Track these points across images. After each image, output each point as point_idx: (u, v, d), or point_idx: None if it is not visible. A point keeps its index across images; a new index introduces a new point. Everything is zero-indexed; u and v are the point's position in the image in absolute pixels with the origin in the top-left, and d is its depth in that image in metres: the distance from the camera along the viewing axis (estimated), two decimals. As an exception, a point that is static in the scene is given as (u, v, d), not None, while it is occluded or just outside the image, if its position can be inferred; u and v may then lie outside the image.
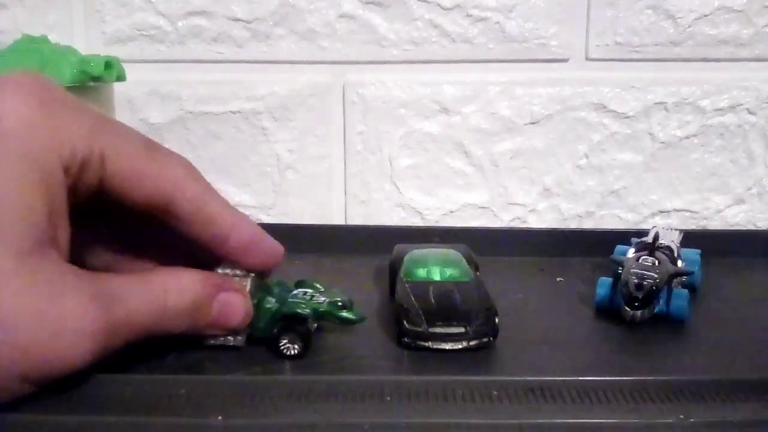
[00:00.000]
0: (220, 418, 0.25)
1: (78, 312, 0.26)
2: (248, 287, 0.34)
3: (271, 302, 0.34)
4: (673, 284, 0.39)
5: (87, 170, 0.28)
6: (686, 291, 0.39)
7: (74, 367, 0.26)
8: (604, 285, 0.40)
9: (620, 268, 0.40)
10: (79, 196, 0.29)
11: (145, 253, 0.34)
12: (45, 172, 0.26)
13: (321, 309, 0.34)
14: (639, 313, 0.37)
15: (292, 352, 0.34)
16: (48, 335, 0.25)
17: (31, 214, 0.26)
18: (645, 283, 0.37)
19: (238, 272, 0.34)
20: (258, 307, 0.34)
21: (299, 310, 0.34)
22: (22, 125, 0.26)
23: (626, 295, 0.37)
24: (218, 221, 0.31)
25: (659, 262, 0.39)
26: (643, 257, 0.40)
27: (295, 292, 0.36)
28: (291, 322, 0.34)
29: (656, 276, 0.37)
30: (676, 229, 0.46)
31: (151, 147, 0.30)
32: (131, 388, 0.27)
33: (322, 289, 0.36)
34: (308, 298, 0.35)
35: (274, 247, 0.34)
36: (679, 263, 0.41)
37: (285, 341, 0.34)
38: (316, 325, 0.36)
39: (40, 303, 0.25)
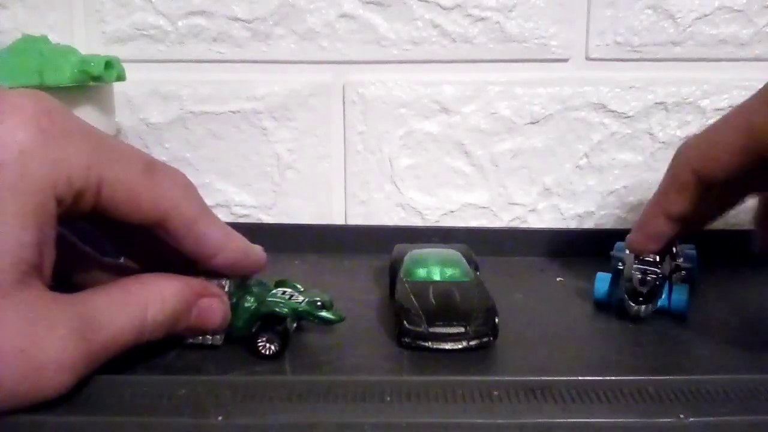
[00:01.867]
0: (220, 418, 0.25)
1: (60, 349, 0.26)
2: (227, 287, 0.34)
3: (249, 301, 0.35)
4: (672, 279, 0.40)
5: (82, 199, 0.28)
6: (686, 285, 0.39)
7: (51, 399, 0.26)
8: (602, 280, 0.41)
9: (620, 263, 0.41)
10: (68, 219, 0.29)
11: (130, 249, 0.35)
12: (37, 203, 0.26)
13: (300, 308, 0.35)
14: (643, 308, 0.38)
15: (270, 352, 0.34)
16: (29, 372, 0.25)
17: (19, 247, 0.26)
18: (649, 278, 0.38)
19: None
20: (237, 306, 0.34)
21: (277, 309, 0.34)
22: (19, 155, 0.26)
23: (630, 291, 0.38)
24: (207, 242, 0.32)
25: (660, 258, 0.40)
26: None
27: (274, 291, 0.36)
28: (269, 322, 0.34)
29: (659, 271, 0.38)
30: None
31: (150, 168, 0.30)
32: (131, 389, 0.27)
33: (302, 289, 0.36)
34: (287, 297, 0.35)
35: (257, 259, 0.35)
36: (678, 258, 0.42)
37: (263, 340, 0.34)
38: (295, 324, 0.36)
39: (23, 341, 0.25)
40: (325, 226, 0.57)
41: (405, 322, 0.35)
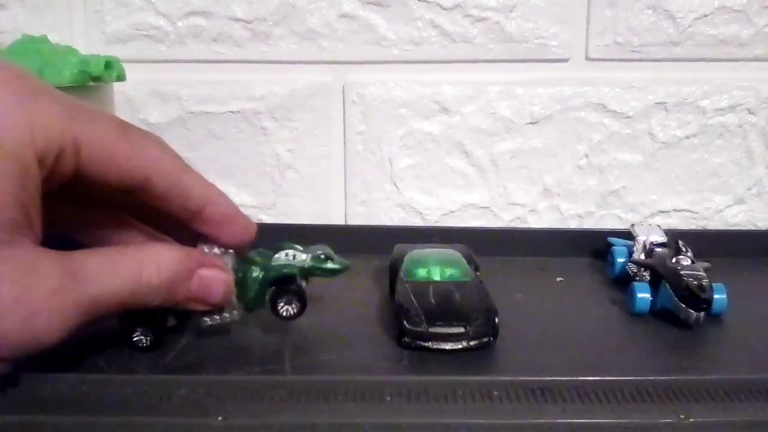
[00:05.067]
0: (220, 418, 0.25)
1: (49, 296, 0.27)
2: (230, 263, 0.34)
3: (256, 271, 0.35)
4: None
5: (62, 160, 0.28)
6: (722, 285, 0.39)
7: (49, 345, 0.27)
8: (646, 290, 0.40)
9: (640, 269, 0.41)
10: (53, 185, 0.29)
11: (125, 236, 0.35)
12: (19, 164, 0.26)
13: (306, 266, 0.35)
14: (703, 314, 0.37)
15: (292, 312, 0.34)
16: (23, 320, 0.26)
17: (3, 207, 0.26)
18: (704, 283, 0.37)
19: (216, 250, 0.34)
20: (244, 279, 0.35)
21: (286, 271, 0.35)
22: None
23: (690, 298, 0.37)
24: (193, 195, 0.32)
25: (693, 261, 0.39)
26: (678, 258, 0.40)
27: (277, 256, 0.36)
28: (282, 286, 0.35)
29: (706, 275, 0.38)
30: (657, 225, 0.46)
31: (125, 129, 0.30)
32: (131, 388, 0.27)
33: (301, 248, 0.37)
34: (291, 258, 0.35)
35: (247, 223, 0.35)
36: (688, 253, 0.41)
37: (282, 303, 0.34)
38: (305, 282, 0.36)
39: (15, 290, 0.26)
40: (325, 226, 0.57)
41: (405, 322, 0.35)
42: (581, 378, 0.28)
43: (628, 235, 0.47)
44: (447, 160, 0.57)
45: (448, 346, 0.34)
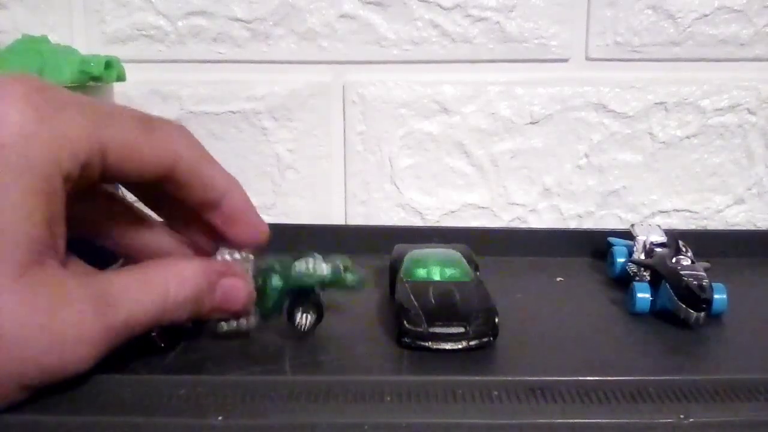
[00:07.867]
0: (220, 418, 0.25)
1: (78, 323, 0.27)
2: (250, 271, 0.34)
3: (276, 280, 0.35)
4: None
5: (89, 169, 0.28)
6: (722, 285, 0.39)
7: (75, 374, 0.27)
8: (646, 290, 0.40)
9: (640, 269, 0.41)
10: (79, 190, 0.29)
11: (147, 239, 0.35)
12: (44, 182, 0.26)
13: (326, 279, 0.35)
14: (703, 314, 0.37)
15: (308, 323, 0.35)
16: (49, 348, 0.26)
17: (29, 227, 0.26)
18: (704, 283, 0.37)
19: (237, 256, 0.34)
20: (264, 287, 0.35)
21: (306, 279, 0.35)
22: (18, 136, 0.26)
23: (691, 299, 0.37)
24: (213, 186, 0.32)
25: (693, 261, 0.39)
26: (678, 258, 0.40)
27: (296, 265, 0.36)
28: (300, 296, 0.35)
29: (706, 275, 0.38)
30: (657, 225, 0.46)
31: (147, 123, 0.30)
32: (131, 389, 0.27)
33: (321, 258, 0.37)
34: (311, 268, 0.36)
35: (258, 223, 0.35)
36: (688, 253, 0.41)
37: (300, 314, 0.35)
38: (320, 293, 0.36)
39: (41, 317, 0.26)
40: (325, 226, 0.57)
41: (405, 322, 0.35)
42: (581, 378, 0.28)
43: (628, 235, 0.47)
44: (447, 160, 0.57)
45: (448, 346, 0.34)
